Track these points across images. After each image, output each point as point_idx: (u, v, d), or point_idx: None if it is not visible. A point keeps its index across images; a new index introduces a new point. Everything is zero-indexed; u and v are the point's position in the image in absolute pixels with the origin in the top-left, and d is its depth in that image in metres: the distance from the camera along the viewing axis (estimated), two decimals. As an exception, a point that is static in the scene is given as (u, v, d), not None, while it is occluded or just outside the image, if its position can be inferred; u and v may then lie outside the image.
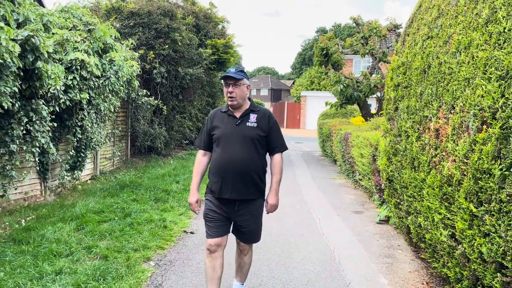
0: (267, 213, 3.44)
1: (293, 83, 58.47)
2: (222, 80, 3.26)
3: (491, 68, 2.52)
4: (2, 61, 4.28)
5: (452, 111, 3.05)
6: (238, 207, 3.23)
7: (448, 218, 3.14)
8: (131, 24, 10.84)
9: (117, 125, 10.23)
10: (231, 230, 3.39)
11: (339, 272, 4.46)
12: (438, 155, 3.27)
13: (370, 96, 12.38)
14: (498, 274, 2.51)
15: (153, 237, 5.34)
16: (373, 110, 13.97)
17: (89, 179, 8.86)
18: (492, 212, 2.49)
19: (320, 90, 33.94)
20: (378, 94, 12.43)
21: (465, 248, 2.90)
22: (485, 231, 2.58)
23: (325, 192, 8.77)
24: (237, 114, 3.24)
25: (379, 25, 12.26)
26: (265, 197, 3.42)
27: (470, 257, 2.82)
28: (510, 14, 2.43)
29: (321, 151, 15.90)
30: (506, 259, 2.40)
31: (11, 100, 4.84)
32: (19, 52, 4.52)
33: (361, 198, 8.28)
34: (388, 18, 13.38)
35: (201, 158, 3.41)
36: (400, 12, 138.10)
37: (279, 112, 36.84)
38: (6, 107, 4.61)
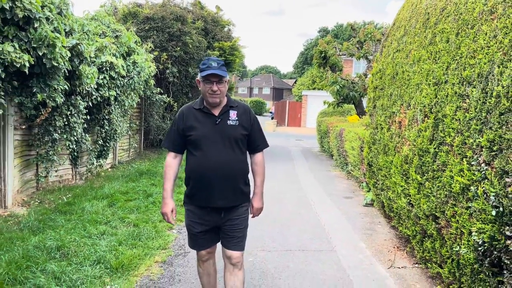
0: (253, 217, 3.20)
1: (295, 82, 59.52)
2: (199, 76, 2.84)
3: (430, 77, 3.55)
4: (57, 64, 5.31)
5: (408, 108, 4.08)
6: (224, 214, 2.96)
7: (406, 189, 4.18)
8: (146, 28, 11.89)
9: (133, 120, 11.28)
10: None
11: (328, 239, 5.49)
12: (400, 141, 4.31)
13: (365, 96, 13.40)
14: (433, 223, 3.53)
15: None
16: (369, 109, 14.96)
17: (109, 168, 9.90)
18: (429, 179, 3.52)
19: (321, 90, 34.92)
20: (372, 94, 13.44)
21: (416, 210, 3.93)
22: (426, 193, 3.60)
23: (321, 182, 9.81)
24: (215, 112, 2.89)
25: (374, 30, 13.28)
26: (250, 200, 3.15)
27: (419, 215, 3.85)
28: (442, 40, 3.45)
29: (320, 147, 16.93)
30: (437, 211, 3.42)
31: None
32: (69, 57, 5.56)
33: (352, 187, 9.31)
34: (384, 24, 14.39)
35: (171, 161, 3.04)
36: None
37: (280, 110, 37.89)
38: (58, 102, 5.66)
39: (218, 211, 2.94)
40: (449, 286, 3.53)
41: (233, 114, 2.91)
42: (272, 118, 39.47)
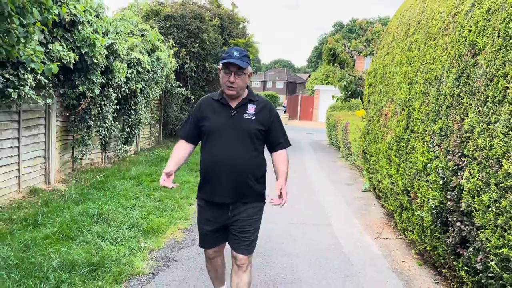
0: (280, 203, 2.89)
1: (309, 76, 60.00)
2: (220, 64, 2.71)
3: (406, 77, 4.35)
4: (96, 61, 6.23)
5: (392, 102, 4.89)
6: (232, 212, 2.82)
7: (389, 170, 4.99)
8: (167, 25, 12.82)
9: (154, 111, 12.24)
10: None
11: (326, 217, 6.33)
12: (385, 131, 5.12)
13: (372, 92, 14.13)
14: (406, 196, 4.35)
15: (192, 192, 7.27)
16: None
17: (133, 154, 10.87)
18: (403, 160, 4.34)
19: (332, 85, 35.43)
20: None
21: (396, 188, 4.74)
22: (401, 172, 4.42)
23: (326, 171, 10.63)
24: (233, 104, 2.78)
25: (381, 29, 13.95)
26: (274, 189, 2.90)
27: (398, 191, 4.67)
28: (415, 47, 4.25)
29: (328, 140, 17.72)
30: (409, 186, 4.24)
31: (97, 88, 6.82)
32: (105, 54, 6.47)
33: (354, 175, 10.11)
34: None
35: (180, 144, 2.96)
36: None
37: (293, 104, 38.60)
38: (96, 93, 6.59)
39: (225, 208, 2.82)
40: (419, 248, 4.36)
41: (251, 108, 2.78)
42: (285, 112, 40.22)
